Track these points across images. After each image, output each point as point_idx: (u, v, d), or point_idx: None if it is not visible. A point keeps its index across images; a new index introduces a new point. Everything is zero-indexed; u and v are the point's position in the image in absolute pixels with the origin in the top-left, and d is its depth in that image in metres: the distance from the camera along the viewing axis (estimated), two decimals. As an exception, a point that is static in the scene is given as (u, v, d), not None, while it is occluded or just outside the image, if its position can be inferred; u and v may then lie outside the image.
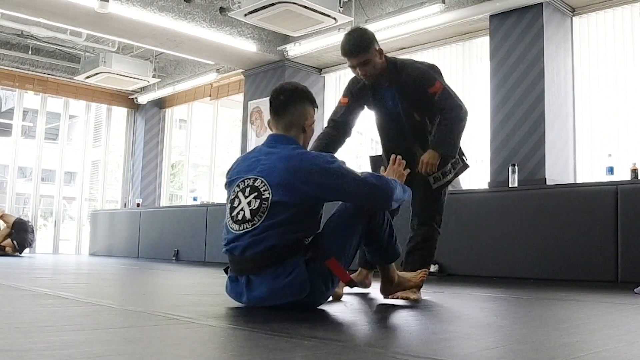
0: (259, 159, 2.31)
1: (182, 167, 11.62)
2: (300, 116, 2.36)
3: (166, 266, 6.31)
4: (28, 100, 11.13)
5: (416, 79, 2.90)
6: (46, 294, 2.79)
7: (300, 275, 2.15)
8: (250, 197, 2.21)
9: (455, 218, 5.08)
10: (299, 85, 2.47)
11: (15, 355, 1.26)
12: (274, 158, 2.26)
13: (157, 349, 1.43)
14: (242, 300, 2.27)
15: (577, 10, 5.74)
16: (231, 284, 2.31)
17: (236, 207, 2.24)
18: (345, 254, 2.31)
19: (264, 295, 2.18)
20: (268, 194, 2.17)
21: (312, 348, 1.46)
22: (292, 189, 2.17)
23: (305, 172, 2.18)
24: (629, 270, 4.07)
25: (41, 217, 12.23)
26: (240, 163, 2.40)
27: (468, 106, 3.03)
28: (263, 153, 2.32)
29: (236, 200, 2.26)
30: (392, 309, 2.48)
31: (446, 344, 1.61)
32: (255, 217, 2.17)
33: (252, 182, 2.24)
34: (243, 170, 2.33)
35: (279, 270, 2.15)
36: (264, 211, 2.16)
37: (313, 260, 2.19)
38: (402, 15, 6.01)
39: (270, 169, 2.23)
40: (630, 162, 4.72)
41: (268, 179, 2.20)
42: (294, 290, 2.16)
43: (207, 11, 6.84)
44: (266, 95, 7.83)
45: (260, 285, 2.18)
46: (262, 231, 2.16)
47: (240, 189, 2.26)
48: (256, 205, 2.18)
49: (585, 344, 1.65)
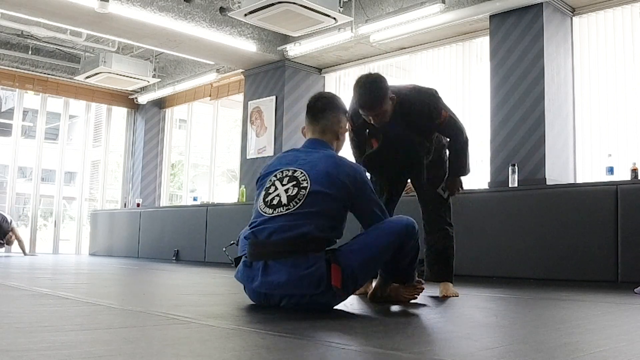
0: (298, 156, 2.40)
1: (182, 167, 11.62)
2: (335, 123, 2.50)
3: (166, 266, 6.31)
4: (28, 100, 11.14)
5: (424, 115, 3.04)
6: (46, 294, 2.79)
7: (320, 269, 2.18)
8: (288, 185, 2.28)
9: (455, 218, 5.06)
10: (335, 95, 2.65)
11: (15, 355, 1.26)
12: (316, 156, 2.36)
13: (157, 349, 1.43)
14: (253, 285, 2.25)
15: (577, 10, 5.74)
16: (244, 269, 2.31)
17: (271, 193, 2.30)
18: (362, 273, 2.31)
19: (282, 280, 2.17)
20: (307, 184, 2.25)
21: (312, 348, 1.46)
22: (331, 184, 2.26)
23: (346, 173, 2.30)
24: (629, 270, 4.07)
25: (41, 217, 12.22)
26: (278, 160, 2.45)
27: (468, 106, 3.11)
28: (302, 152, 2.42)
29: (272, 187, 2.32)
30: (392, 309, 2.48)
31: (446, 344, 1.61)
32: (291, 202, 2.23)
33: (292, 173, 2.31)
34: (282, 164, 2.38)
35: (300, 260, 2.17)
36: (301, 198, 2.22)
37: (328, 261, 2.22)
38: (402, 15, 6.01)
39: (311, 163, 2.32)
40: (630, 162, 4.72)
41: (309, 172, 2.28)
42: (312, 282, 2.17)
43: (207, 11, 6.84)
44: (266, 95, 7.90)
45: (279, 271, 2.18)
46: (297, 218, 2.20)
47: (277, 178, 2.33)
48: (294, 192, 2.25)
49: (585, 344, 1.65)
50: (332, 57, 7.48)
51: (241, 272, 2.34)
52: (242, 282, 2.34)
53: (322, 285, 2.18)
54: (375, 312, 2.40)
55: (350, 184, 2.30)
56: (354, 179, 2.33)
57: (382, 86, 2.90)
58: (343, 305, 2.48)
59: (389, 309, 2.48)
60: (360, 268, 2.28)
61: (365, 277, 2.38)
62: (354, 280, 2.27)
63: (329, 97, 2.57)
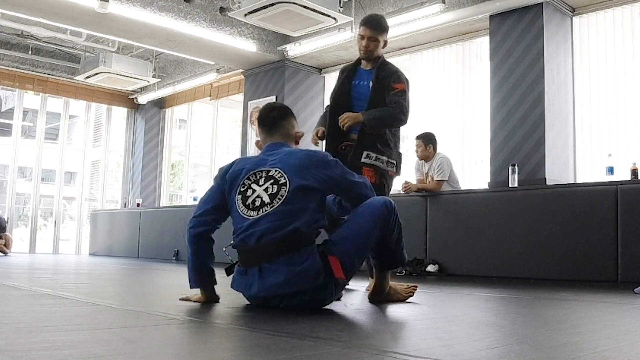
0: (264, 159, 2.38)
1: (182, 167, 11.62)
2: (290, 128, 2.53)
3: (166, 266, 6.31)
4: (28, 100, 11.14)
5: (392, 74, 3.35)
6: (46, 294, 2.79)
7: (316, 262, 2.19)
8: (266, 184, 2.28)
9: (455, 218, 5.09)
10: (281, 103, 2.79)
11: (15, 355, 1.26)
12: (282, 154, 2.36)
13: (157, 349, 1.43)
14: (252, 291, 2.25)
15: (577, 10, 5.74)
16: (239, 278, 2.31)
17: (250, 195, 2.28)
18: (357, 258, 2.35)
19: (280, 281, 2.17)
20: (285, 180, 2.25)
21: (312, 348, 1.46)
22: (308, 175, 2.27)
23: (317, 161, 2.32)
24: (629, 270, 4.07)
25: (41, 217, 12.22)
26: (241, 163, 2.43)
27: (468, 106, 3.12)
28: (268, 154, 2.40)
29: (249, 190, 2.30)
30: (392, 309, 2.48)
31: (446, 344, 1.61)
32: (274, 200, 2.23)
33: (266, 173, 2.31)
34: (250, 166, 2.36)
35: (294, 258, 2.18)
36: (283, 194, 2.22)
37: (322, 253, 2.24)
38: (402, 15, 6.01)
39: (282, 161, 2.32)
40: (630, 162, 4.72)
41: (283, 169, 2.28)
42: (310, 276, 2.18)
43: (207, 11, 6.84)
44: (266, 95, 7.89)
45: (275, 272, 2.18)
46: (283, 216, 2.20)
47: (252, 180, 2.32)
48: (274, 190, 2.25)
49: (585, 344, 1.65)
50: (332, 57, 7.48)
51: (237, 282, 2.34)
52: (240, 291, 2.34)
53: (319, 277, 2.19)
54: (374, 312, 2.40)
55: (325, 171, 2.32)
56: (326, 164, 2.34)
57: (387, 22, 3.44)
58: (342, 306, 2.48)
59: (389, 309, 2.48)
60: (355, 254, 2.32)
61: (360, 261, 2.41)
62: (351, 267, 2.32)
63: (280, 107, 2.59)
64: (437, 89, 6.96)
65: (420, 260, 5.16)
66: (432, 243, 5.19)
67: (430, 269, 5.05)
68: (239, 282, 2.33)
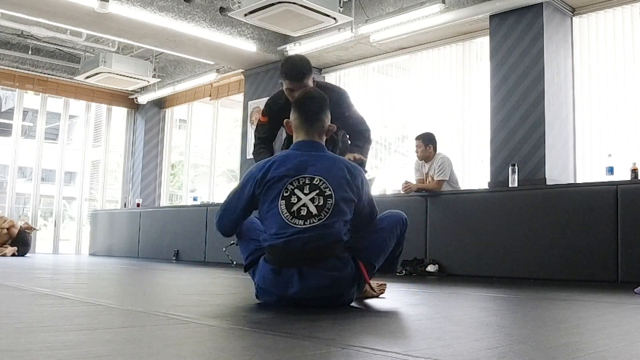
0: (304, 161, 2.38)
1: (182, 167, 11.63)
2: (327, 121, 2.54)
3: (166, 266, 6.31)
4: (28, 100, 11.13)
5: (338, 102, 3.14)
6: (46, 294, 2.79)
7: (352, 269, 2.36)
8: (312, 194, 2.32)
9: (455, 218, 5.09)
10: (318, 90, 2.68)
11: (15, 355, 1.26)
12: (323, 161, 2.40)
13: (157, 349, 1.43)
14: (291, 291, 2.28)
15: (577, 10, 5.74)
16: (272, 277, 2.32)
17: (295, 203, 2.31)
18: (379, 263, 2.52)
19: (323, 285, 2.29)
20: (330, 191, 2.32)
21: (312, 348, 1.46)
22: (349, 189, 2.36)
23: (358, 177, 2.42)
24: (629, 270, 4.07)
25: (41, 217, 12.22)
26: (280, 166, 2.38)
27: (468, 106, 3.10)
28: (306, 156, 2.41)
29: (293, 197, 2.32)
30: (391, 309, 2.48)
31: (446, 344, 1.61)
32: (322, 212, 2.30)
33: (310, 180, 2.34)
34: (292, 169, 2.36)
35: (331, 263, 2.30)
36: (330, 207, 2.30)
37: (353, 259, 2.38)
38: (402, 15, 6.01)
39: (324, 169, 2.36)
40: (630, 162, 4.72)
41: (327, 179, 2.34)
42: (349, 282, 2.36)
43: (207, 11, 6.84)
44: (266, 95, 7.86)
45: (317, 275, 2.28)
46: (330, 226, 2.29)
47: (295, 186, 2.33)
48: (321, 202, 2.31)
49: (585, 344, 1.65)
50: (332, 57, 7.48)
51: (269, 280, 2.33)
52: (271, 290, 2.34)
53: (355, 282, 2.39)
54: (374, 311, 2.40)
55: (361, 187, 2.43)
56: (363, 181, 2.46)
57: (308, 63, 3.13)
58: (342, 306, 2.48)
59: (389, 309, 2.48)
60: (377, 261, 2.50)
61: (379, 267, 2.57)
62: (372, 273, 2.51)
63: (319, 97, 2.54)
64: (437, 89, 6.96)
65: (420, 260, 5.16)
66: (432, 243, 5.19)
67: (430, 269, 5.05)
68: (270, 280, 2.33)
